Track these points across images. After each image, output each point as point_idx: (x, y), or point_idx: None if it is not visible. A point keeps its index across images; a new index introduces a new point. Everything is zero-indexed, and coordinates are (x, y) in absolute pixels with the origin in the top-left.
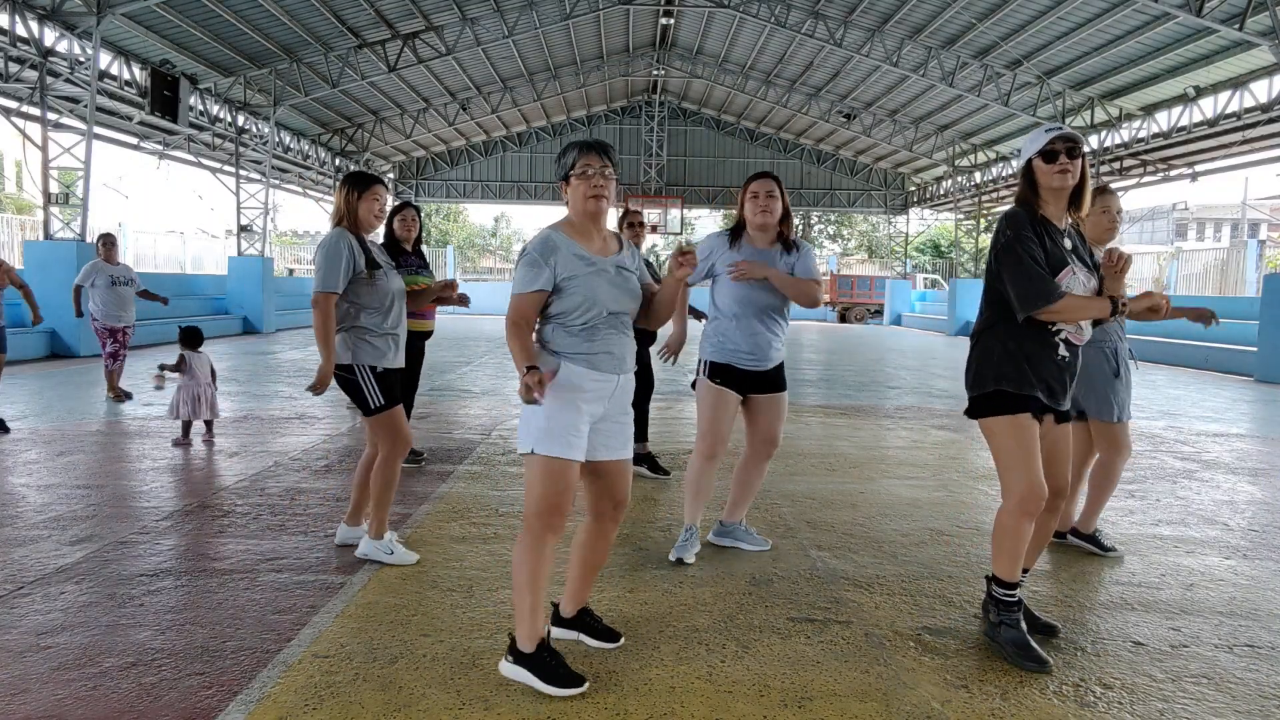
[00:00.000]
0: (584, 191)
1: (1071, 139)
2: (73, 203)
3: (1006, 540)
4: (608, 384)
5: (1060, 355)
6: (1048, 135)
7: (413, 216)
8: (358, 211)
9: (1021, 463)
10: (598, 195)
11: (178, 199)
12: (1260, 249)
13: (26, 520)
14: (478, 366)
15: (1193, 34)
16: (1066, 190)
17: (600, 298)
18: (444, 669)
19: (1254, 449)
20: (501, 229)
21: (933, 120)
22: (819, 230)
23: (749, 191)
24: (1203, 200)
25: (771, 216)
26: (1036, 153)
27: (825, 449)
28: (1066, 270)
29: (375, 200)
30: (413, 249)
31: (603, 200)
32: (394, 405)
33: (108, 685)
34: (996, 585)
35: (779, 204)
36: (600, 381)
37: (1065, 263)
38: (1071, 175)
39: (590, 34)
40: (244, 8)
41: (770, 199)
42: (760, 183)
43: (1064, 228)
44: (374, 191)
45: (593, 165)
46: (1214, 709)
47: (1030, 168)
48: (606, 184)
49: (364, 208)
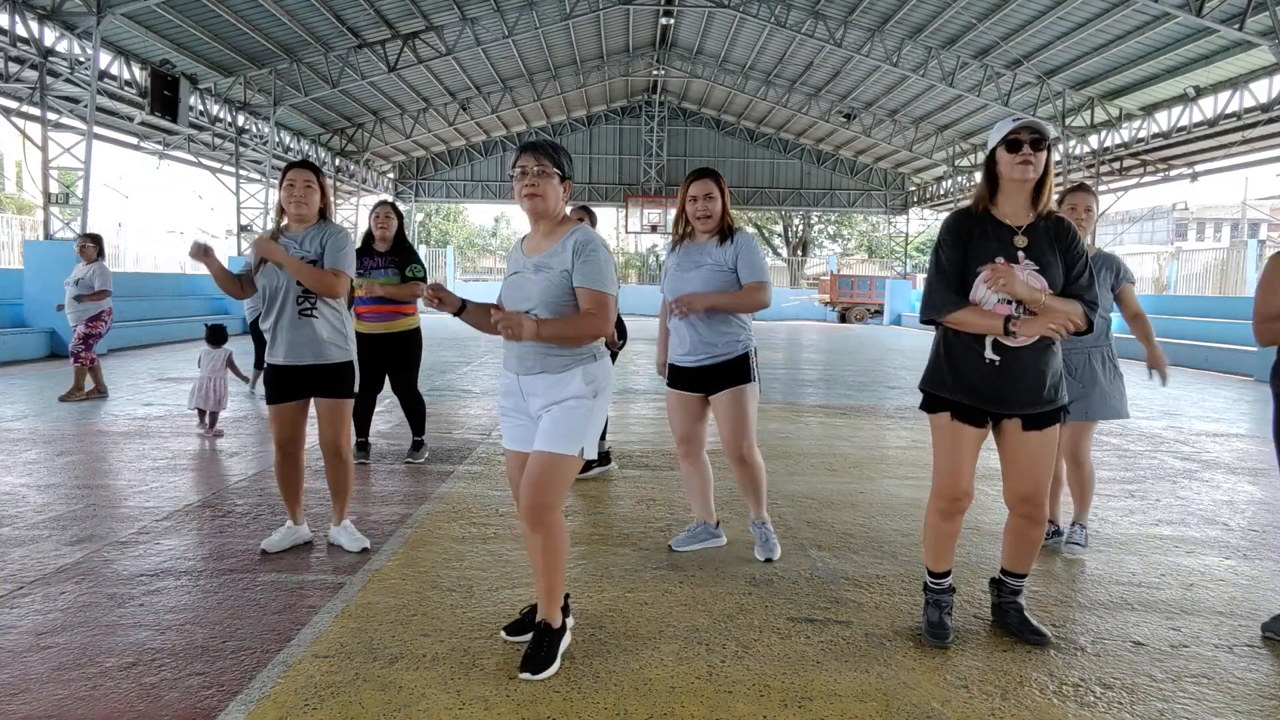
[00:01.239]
0: (518, 190)
1: (1036, 129)
2: (73, 203)
3: (926, 534)
4: (509, 380)
5: (988, 359)
6: (1013, 124)
7: (387, 214)
8: (281, 204)
9: (939, 461)
10: (529, 194)
11: (178, 199)
12: (1260, 249)
13: (26, 520)
14: (478, 366)
15: (1193, 34)
16: (1027, 183)
17: (507, 299)
18: (444, 669)
19: (1254, 449)
20: (501, 229)
21: (933, 120)
22: (819, 230)
23: (688, 194)
24: (1203, 200)
25: (711, 220)
26: (999, 141)
27: (825, 449)
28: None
29: (289, 187)
30: (392, 248)
31: (535, 199)
32: (271, 402)
33: (108, 685)
34: (927, 574)
35: (718, 204)
36: (504, 376)
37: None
38: (1033, 168)
39: (590, 34)
40: (244, 8)
41: (709, 201)
42: (699, 184)
43: (1020, 225)
44: (287, 178)
45: (527, 165)
46: (1214, 709)
47: (993, 158)
48: (540, 182)
49: (281, 195)
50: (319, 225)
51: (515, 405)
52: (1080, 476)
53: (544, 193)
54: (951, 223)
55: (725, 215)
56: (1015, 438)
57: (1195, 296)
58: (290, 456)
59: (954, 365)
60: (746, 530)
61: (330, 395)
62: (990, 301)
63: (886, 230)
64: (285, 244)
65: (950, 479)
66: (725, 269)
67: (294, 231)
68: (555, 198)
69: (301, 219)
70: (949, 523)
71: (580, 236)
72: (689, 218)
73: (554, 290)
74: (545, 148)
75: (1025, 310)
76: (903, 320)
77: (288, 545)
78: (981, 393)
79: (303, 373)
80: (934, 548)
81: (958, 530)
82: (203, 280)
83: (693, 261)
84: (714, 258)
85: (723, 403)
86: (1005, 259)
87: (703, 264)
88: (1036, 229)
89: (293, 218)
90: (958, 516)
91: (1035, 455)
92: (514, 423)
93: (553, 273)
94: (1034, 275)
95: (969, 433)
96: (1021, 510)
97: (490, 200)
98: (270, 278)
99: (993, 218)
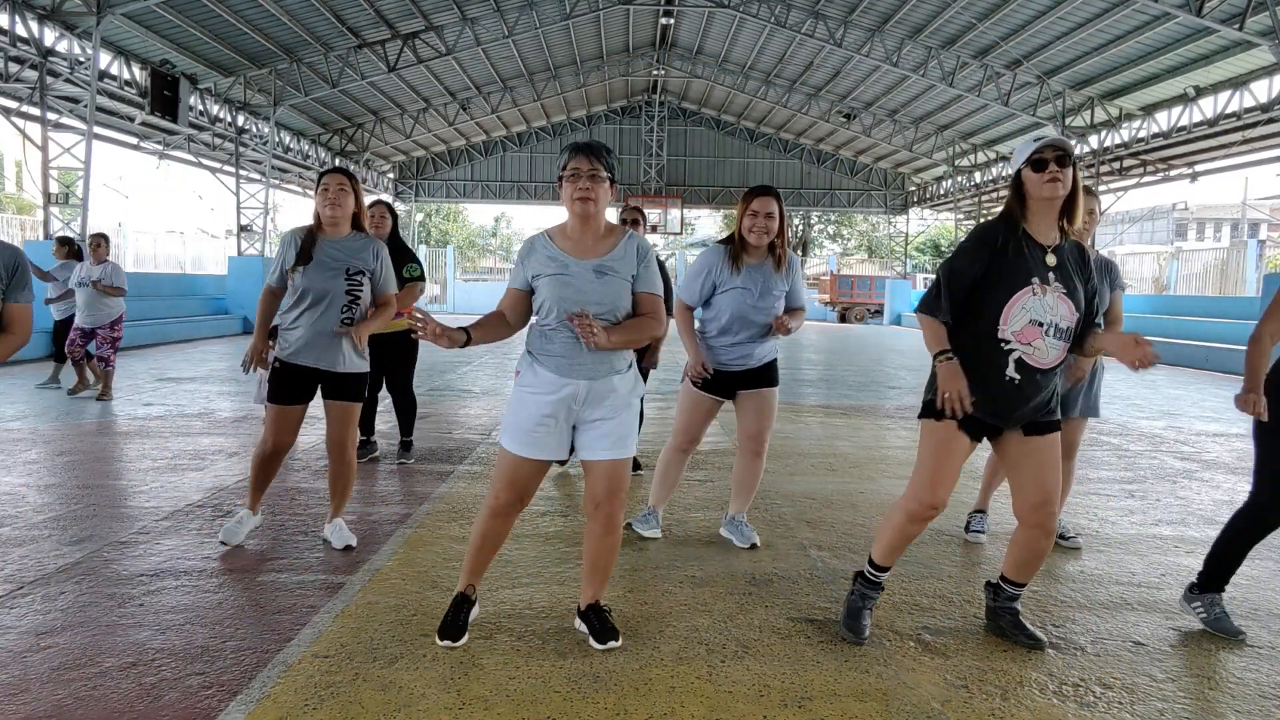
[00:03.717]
0: (570, 193)
1: (1060, 147)
2: (73, 203)
3: (887, 528)
4: (563, 387)
5: (1009, 376)
6: (1036, 144)
7: (382, 213)
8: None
9: (925, 467)
10: (583, 198)
11: (178, 199)
12: (1260, 249)
13: (26, 520)
14: (478, 367)
15: (1193, 34)
16: (1057, 200)
17: (557, 300)
18: (444, 669)
19: (1254, 449)
20: (501, 229)
21: (933, 120)
22: (819, 230)
23: (749, 209)
24: (1203, 200)
25: (770, 237)
26: (1025, 161)
27: (825, 449)
28: (1024, 290)
29: (324, 192)
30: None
31: (588, 202)
32: (278, 402)
33: (108, 685)
34: (869, 563)
35: (777, 223)
36: (553, 384)
37: (1025, 282)
38: (1062, 185)
39: (590, 34)
40: (244, 8)
41: (769, 219)
42: (761, 201)
43: (1052, 244)
44: (322, 183)
45: (581, 168)
46: (1214, 709)
47: (1020, 178)
48: (594, 186)
49: (317, 201)
50: (364, 240)
51: (568, 414)
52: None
53: (596, 197)
54: (985, 234)
55: (782, 234)
56: (1018, 447)
57: (1195, 296)
58: (280, 456)
59: (973, 377)
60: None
61: (343, 399)
62: (1021, 322)
63: (886, 230)
64: (332, 251)
65: (931, 488)
66: (785, 292)
67: (331, 236)
68: (605, 201)
69: (336, 221)
70: (915, 526)
71: (641, 243)
72: (743, 233)
73: (619, 294)
74: (599, 150)
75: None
76: (903, 320)
77: (243, 537)
78: (996, 408)
79: (319, 376)
80: (889, 544)
81: (918, 535)
82: (203, 280)
83: (762, 286)
84: (779, 286)
85: (755, 401)
86: (1039, 279)
87: (771, 291)
88: (1063, 250)
89: (327, 220)
90: (925, 524)
91: (1041, 460)
92: (551, 431)
93: (618, 277)
94: (1062, 299)
95: (964, 444)
96: (1033, 520)
97: (490, 200)
98: (314, 281)
99: (1028, 234)
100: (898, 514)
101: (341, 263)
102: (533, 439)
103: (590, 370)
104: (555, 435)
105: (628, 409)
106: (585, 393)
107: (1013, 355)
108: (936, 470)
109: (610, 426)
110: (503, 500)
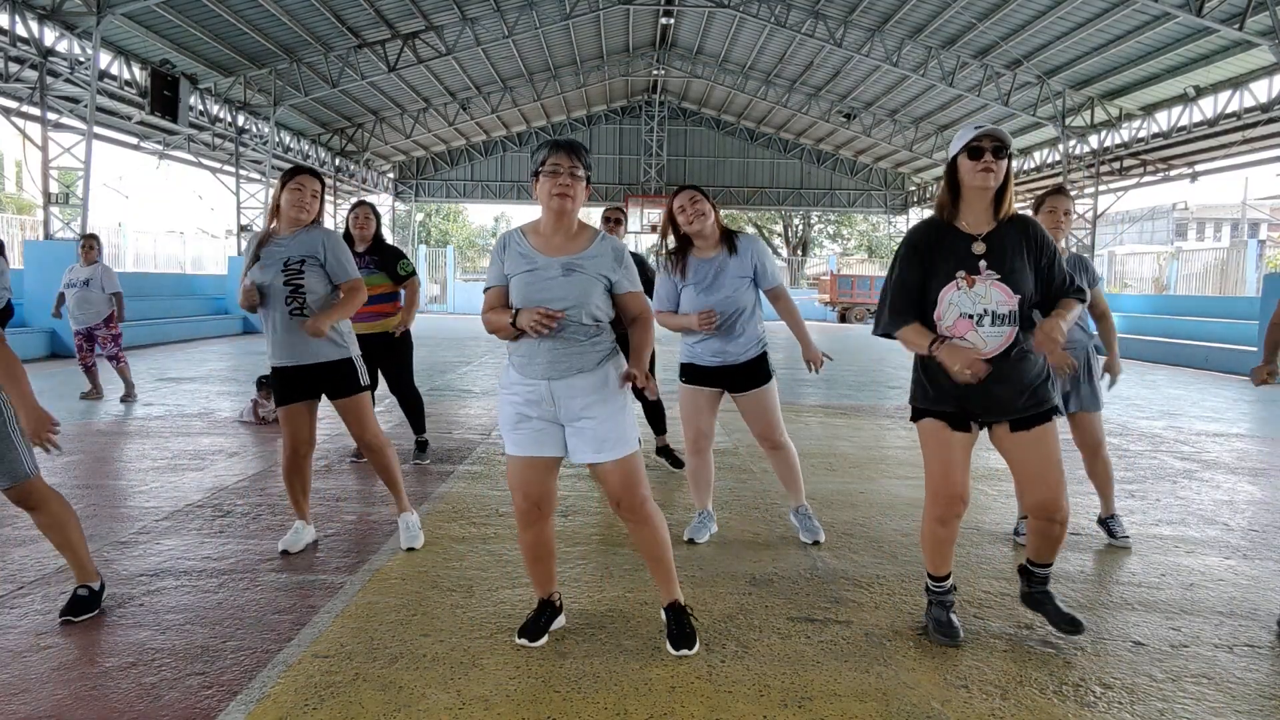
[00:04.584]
0: (548, 189)
1: (998, 137)
2: (73, 203)
3: (924, 541)
4: (534, 389)
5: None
6: (974, 131)
7: (366, 214)
8: (279, 204)
9: (931, 466)
10: (561, 194)
11: (178, 199)
12: (1260, 249)
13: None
14: (478, 366)
15: (1193, 34)
16: (989, 191)
17: (524, 300)
18: (444, 669)
19: (1254, 449)
20: (501, 229)
21: (933, 120)
22: (819, 230)
23: (675, 208)
24: (1203, 200)
25: (706, 221)
26: (961, 148)
27: (825, 449)
28: (949, 286)
29: (295, 191)
30: (370, 247)
31: (566, 199)
32: (282, 403)
33: (108, 685)
34: (928, 578)
35: (707, 206)
36: (525, 385)
37: (949, 278)
38: (994, 175)
39: (590, 34)
40: (244, 8)
41: (696, 204)
42: (682, 195)
43: (982, 232)
44: (295, 181)
45: (561, 164)
46: (1214, 709)
47: (955, 164)
48: (573, 184)
49: (284, 197)
50: (308, 229)
51: (542, 413)
52: (1095, 467)
53: (575, 194)
54: (911, 238)
55: (718, 219)
56: (1008, 442)
57: (1195, 296)
58: (302, 458)
59: (933, 380)
60: (745, 529)
61: (341, 394)
62: (951, 318)
63: (886, 230)
64: (274, 248)
65: (943, 480)
66: (748, 277)
67: (284, 235)
68: (582, 200)
69: (297, 223)
70: (945, 528)
71: (615, 244)
72: (681, 228)
73: (585, 292)
74: (579, 148)
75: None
76: None
77: (303, 545)
78: (962, 399)
79: (304, 372)
80: (933, 553)
81: (954, 535)
82: (203, 280)
83: (711, 277)
84: (733, 270)
85: (751, 402)
86: (965, 271)
87: (723, 280)
88: (997, 235)
89: (290, 220)
90: (954, 522)
91: (1036, 456)
92: (534, 428)
93: (586, 275)
94: (995, 285)
95: (957, 437)
96: (1042, 515)
97: (490, 200)
98: (261, 280)
99: (953, 228)
100: (926, 523)
101: (278, 256)
102: (517, 438)
103: (547, 370)
104: (538, 433)
105: (610, 407)
106: (548, 393)
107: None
108: (942, 463)
109: (592, 428)
110: (520, 507)
